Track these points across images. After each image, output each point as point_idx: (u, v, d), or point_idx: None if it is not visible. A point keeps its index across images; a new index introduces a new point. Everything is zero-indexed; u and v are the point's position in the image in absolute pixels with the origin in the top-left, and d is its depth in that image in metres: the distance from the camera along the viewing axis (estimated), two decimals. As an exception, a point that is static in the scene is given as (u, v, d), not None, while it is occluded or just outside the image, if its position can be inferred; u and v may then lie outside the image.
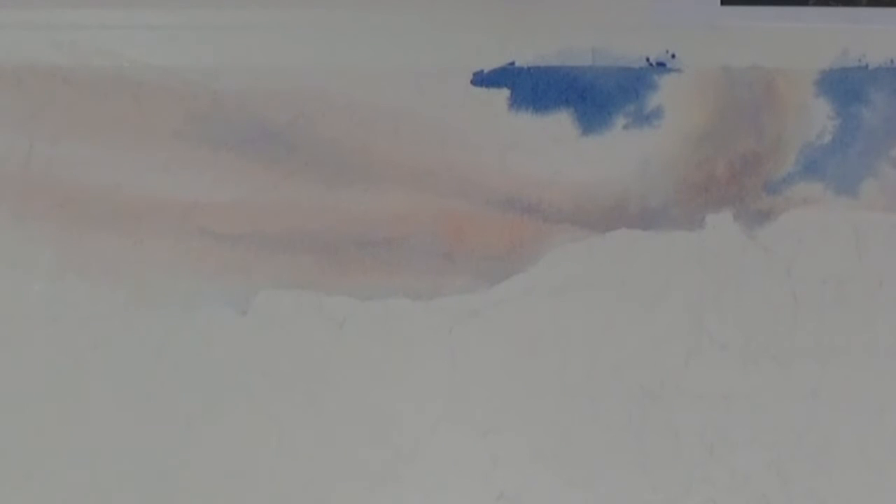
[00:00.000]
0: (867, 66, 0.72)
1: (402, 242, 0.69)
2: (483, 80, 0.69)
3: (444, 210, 0.70)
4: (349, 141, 0.69)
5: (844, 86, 0.72)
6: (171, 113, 0.68)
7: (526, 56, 0.70)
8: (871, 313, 0.72)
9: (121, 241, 0.68)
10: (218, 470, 0.68)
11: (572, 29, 0.70)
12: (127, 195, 0.68)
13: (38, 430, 0.68)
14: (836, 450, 0.71)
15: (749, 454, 0.69)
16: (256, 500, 0.68)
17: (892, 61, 0.72)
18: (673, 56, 0.70)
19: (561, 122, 0.70)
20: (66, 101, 0.68)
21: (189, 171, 0.68)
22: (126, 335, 0.68)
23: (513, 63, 0.70)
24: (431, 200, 0.69)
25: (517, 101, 0.70)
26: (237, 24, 0.68)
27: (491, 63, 0.69)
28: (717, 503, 0.69)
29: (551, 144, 0.70)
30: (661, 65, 0.70)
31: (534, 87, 0.70)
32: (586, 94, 0.70)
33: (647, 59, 0.70)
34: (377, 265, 0.69)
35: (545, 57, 0.70)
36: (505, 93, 0.70)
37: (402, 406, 0.69)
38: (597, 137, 0.70)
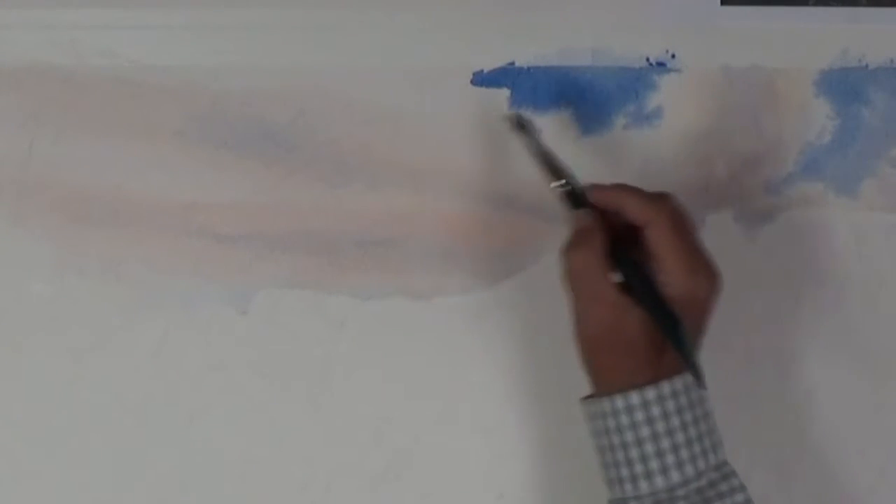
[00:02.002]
0: (867, 66, 0.72)
1: (402, 242, 0.69)
2: (483, 80, 0.69)
3: (444, 210, 0.70)
4: (349, 141, 0.69)
5: (844, 86, 0.72)
6: (171, 113, 0.68)
7: (526, 56, 0.70)
8: (871, 313, 0.72)
9: (121, 241, 0.68)
10: (218, 470, 0.68)
11: (572, 29, 0.70)
12: (127, 195, 0.68)
13: (38, 429, 0.68)
14: (836, 450, 0.71)
15: (749, 454, 0.69)
16: (256, 500, 0.68)
17: (892, 61, 0.72)
18: (673, 56, 0.70)
19: (561, 122, 0.70)
20: (66, 101, 0.68)
21: (189, 171, 0.68)
22: (126, 335, 0.68)
23: (513, 63, 0.70)
24: (431, 200, 0.69)
25: (517, 101, 0.70)
26: (237, 24, 0.68)
27: (491, 63, 0.69)
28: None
29: (551, 144, 0.70)
30: (661, 65, 0.70)
31: (534, 87, 0.70)
32: (586, 94, 0.70)
33: (647, 59, 0.70)
34: (377, 265, 0.69)
35: (545, 57, 0.70)
36: (505, 93, 0.70)
37: (402, 406, 0.69)
38: (597, 137, 0.70)
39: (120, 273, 0.68)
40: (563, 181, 0.62)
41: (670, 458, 0.58)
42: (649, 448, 0.58)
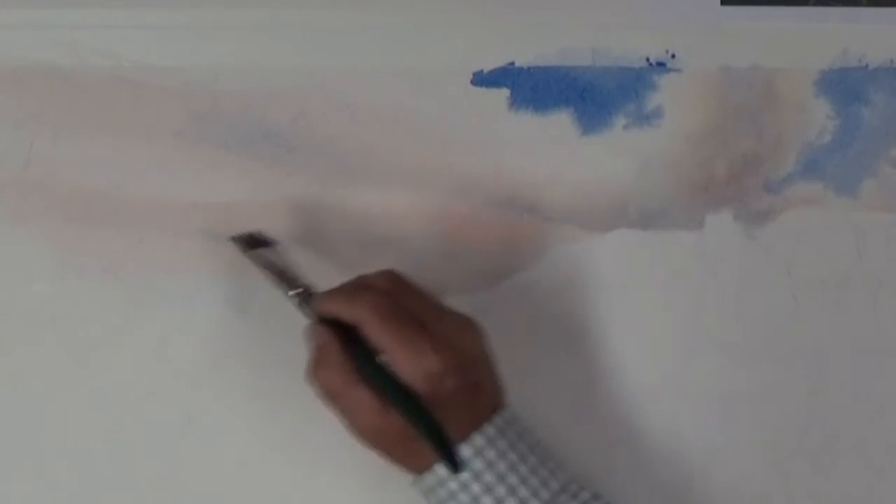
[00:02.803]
0: (867, 66, 0.72)
1: (402, 242, 0.69)
2: (483, 80, 0.69)
3: (444, 210, 0.70)
4: (349, 141, 0.69)
5: (844, 86, 0.72)
6: (171, 113, 0.68)
7: (526, 56, 0.70)
8: (871, 313, 0.72)
9: (121, 241, 0.68)
10: (217, 470, 0.68)
11: (572, 29, 0.70)
12: (127, 195, 0.68)
13: (38, 430, 0.68)
14: (836, 450, 0.71)
15: (749, 454, 0.69)
16: (256, 500, 0.68)
17: (892, 61, 0.72)
18: (673, 56, 0.70)
19: (561, 122, 0.70)
20: (66, 101, 0.68)
21: (189, 171, 0.68)
22: (126, 335, 0.68)
23: (513, 63, 0.70)
24: (431, 200, 0.69)
25: (517, 101, 0.70)
26: (237, 24, 0.68)
27: (491, 63, 0.70)
28: (718, 503, 0.69)
29: (551, 144, 0.70)
30: (661, 65, 0.70)
31: (534, 87, 0.70)
32: (586, 94, 0.70)
33: (647, 59, 0.70)
34: (377, 265, 0.69)
35: (545, 57, 0.70)
36: (505, 93, 0.70)
37: (402, 406, 0.69)
38: (597, 137, 0.70)
39: (120, 273, 0.68)
40: (300, 290, 0.62)
41: (511, 502, 0.57)
42: (487, 500, 0.58)
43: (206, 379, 0.68)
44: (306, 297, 0.62)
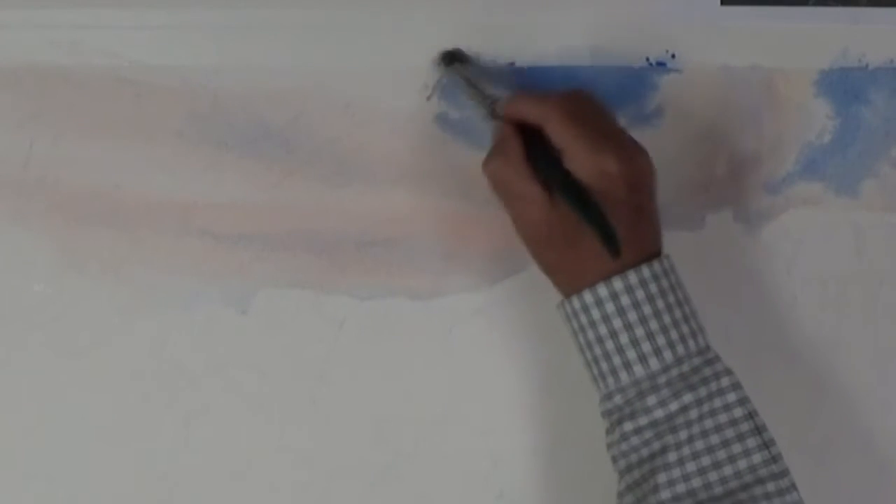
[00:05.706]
0: (867, 66, 0.72)
1: (402, 242, 0.69)
2: (483, 80, 0.69)
3: (444, 210, 0.70)
4: (349, 141, 0.69)
5: (844, 86, 0.72)
6: (171, 113, 0.68)
7: (526, 56, 0.70)
8: (871, 313, 0.72)
9: (121, 241, 0.68)
10: (218, 470, 0.68)
11: (572, 29, 0.70)
12: (127, 195, 0.68)
13: (37, 429, 0.68)
14: (837, 449, 0.71)
15: (749, 454, 0.69)
16: (256, 500, 0.68)
17: (892, 61, 0.72)
18: (673, 56, 0.70)
19: (561, 122, 0.70)
20: (66, 101, 0.68)
21: (189, 171, 0.68)
22: (126, 335, 0.68)
23: (513, 63, 0.69)
24: (431, 200, 0.69)
25: (517, 101, 0.70)
26: (237, 24, 0.68)
27: (491, 63, 0.69)
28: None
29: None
30: (661, 65, 0.70)
31: (534, 88, 0.70)
32: (586, 94, 0.70)
33: (647, 59, 0.70)
34: (377, 265, 0.69)
35: (545, 57, 0.70)
36: (505, 93, 0.70)
37: (402, 406, 0.69)
38: (597, 137, 0.70)
39: (120, 273, 0.68)
40: (491, 100, 0.65)
41: (646, 346, 0.58)
42: (624, 338, 0.58)
43: (206, 379, 0.68)
44: (494, 105, 0.64)
